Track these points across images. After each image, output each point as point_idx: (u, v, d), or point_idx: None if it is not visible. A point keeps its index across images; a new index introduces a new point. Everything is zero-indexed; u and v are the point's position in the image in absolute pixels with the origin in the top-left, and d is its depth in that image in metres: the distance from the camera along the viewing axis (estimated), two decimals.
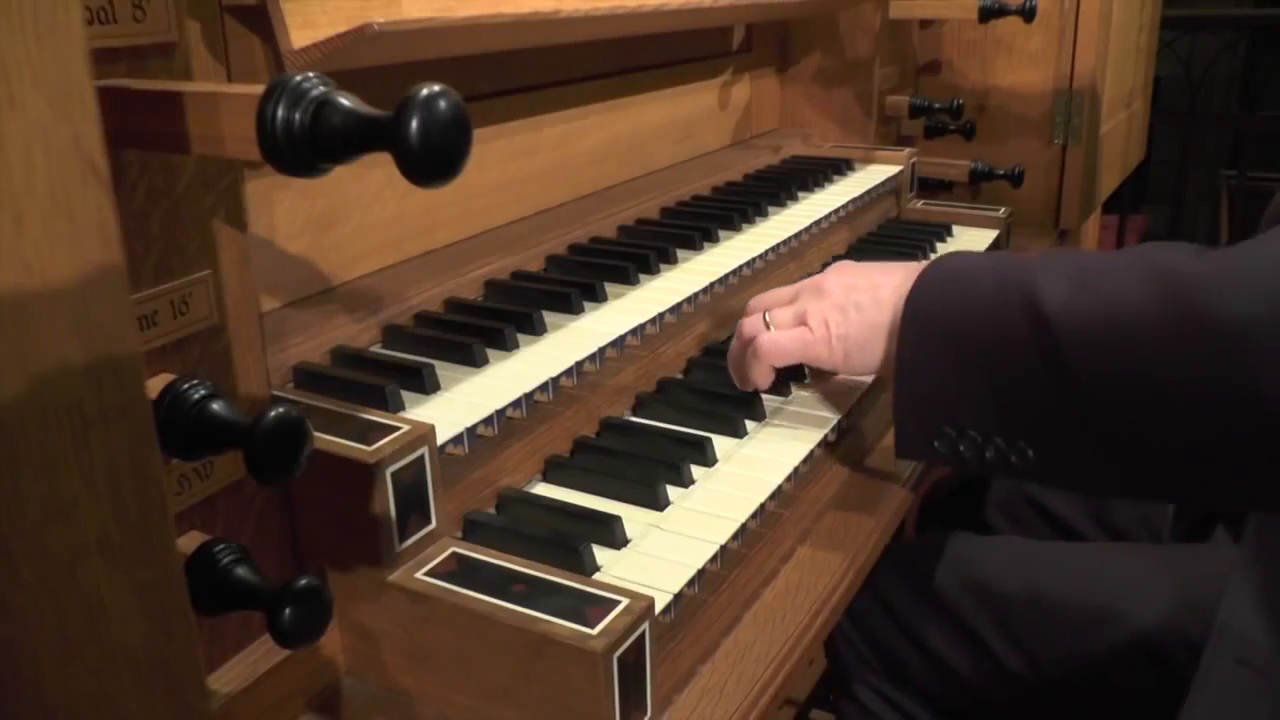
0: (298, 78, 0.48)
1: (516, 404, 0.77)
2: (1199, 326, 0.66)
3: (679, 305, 0.97)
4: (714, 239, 1.14)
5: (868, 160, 1.54)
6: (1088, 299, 0.72)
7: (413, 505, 0.65)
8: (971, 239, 1.46)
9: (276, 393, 0.71)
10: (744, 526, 0.75)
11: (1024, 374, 0.75)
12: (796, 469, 0.84)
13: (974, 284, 0.81)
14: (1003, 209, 1.53)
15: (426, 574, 0.64)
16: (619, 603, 0.60)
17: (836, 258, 1.34)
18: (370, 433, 0.65)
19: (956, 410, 0.80)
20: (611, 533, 0.73)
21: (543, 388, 0.79)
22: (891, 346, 0.86)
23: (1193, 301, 0.66)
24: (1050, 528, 1.25)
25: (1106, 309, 0.71)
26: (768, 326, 0.92)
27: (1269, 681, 0.81)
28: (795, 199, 1.32)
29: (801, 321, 0.91)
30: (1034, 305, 0.74)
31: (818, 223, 1.25)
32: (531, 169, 1.14)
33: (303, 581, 0.53)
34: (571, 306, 0.92)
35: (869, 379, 0.99)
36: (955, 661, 1.07)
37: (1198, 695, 0.84)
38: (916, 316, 0.82)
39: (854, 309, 0.89)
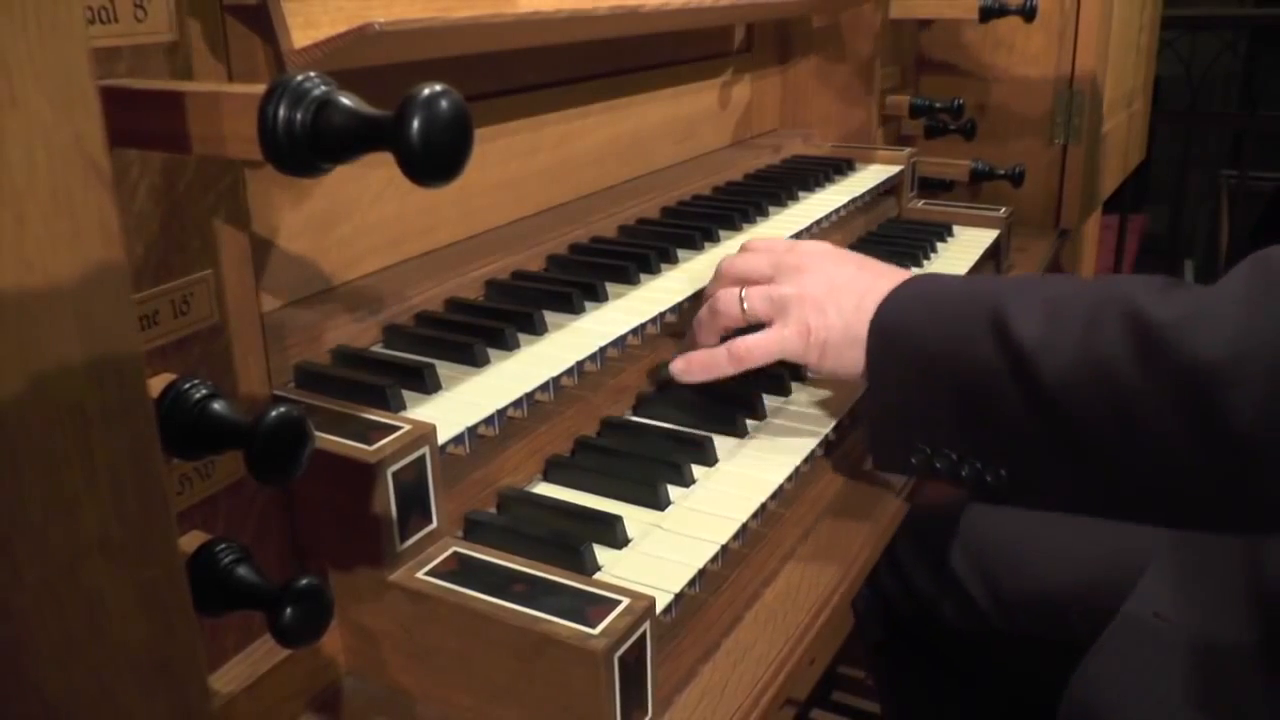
0: (299, 77, 0.48)
1: (517, 404, 0.77)
2: (1170, 369, 0.68)
3: (680, 305, 0.97)
4: (715, 239, 1.14)
5: (868, 160, 1.54)
6: (1059, 331, 0.73)
7: (414, 505, 0.65)
8: (972, 238, 1.46)
9: (277, 392, 0.71)
10: (745, 526, 0.76)
11: (995, 400, 0.76)
12: (797, 469, 0.84)
13: (942, 304, 0.81)
14: (1003, 209, 1.53)
15: (427, 574, 0.64)
16: (620, 602, 0.60)
17: None
18: (371, 432, 0.65)
19: (928, 428, 0.80)
20: (612, 532, 0.73)
21: (543, 387, 0.79)
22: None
23: (1164, 342, 0.68)
24: None
25: (1079, 343, 0.72)
26: (743, 305, 0.89)
27: (1179, 633, 0.87)
28: (796, 199, 1.32)
29: (778, 311, 0.88)
30: (1004, 333, 0.75)
31: (818, 222, 1.25)
32: (532, 169, 1.14)
33: (304, 581, 0.53)
34: (572, 306, 0.92)
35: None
36: (943, 605, 1.16)
37: (1108, 639, 0.92)
38: (885, 331, 0.82)
39: (834, 311, 0.86)
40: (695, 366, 0.90)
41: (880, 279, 0.87)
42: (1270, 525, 0.76)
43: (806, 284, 0.88)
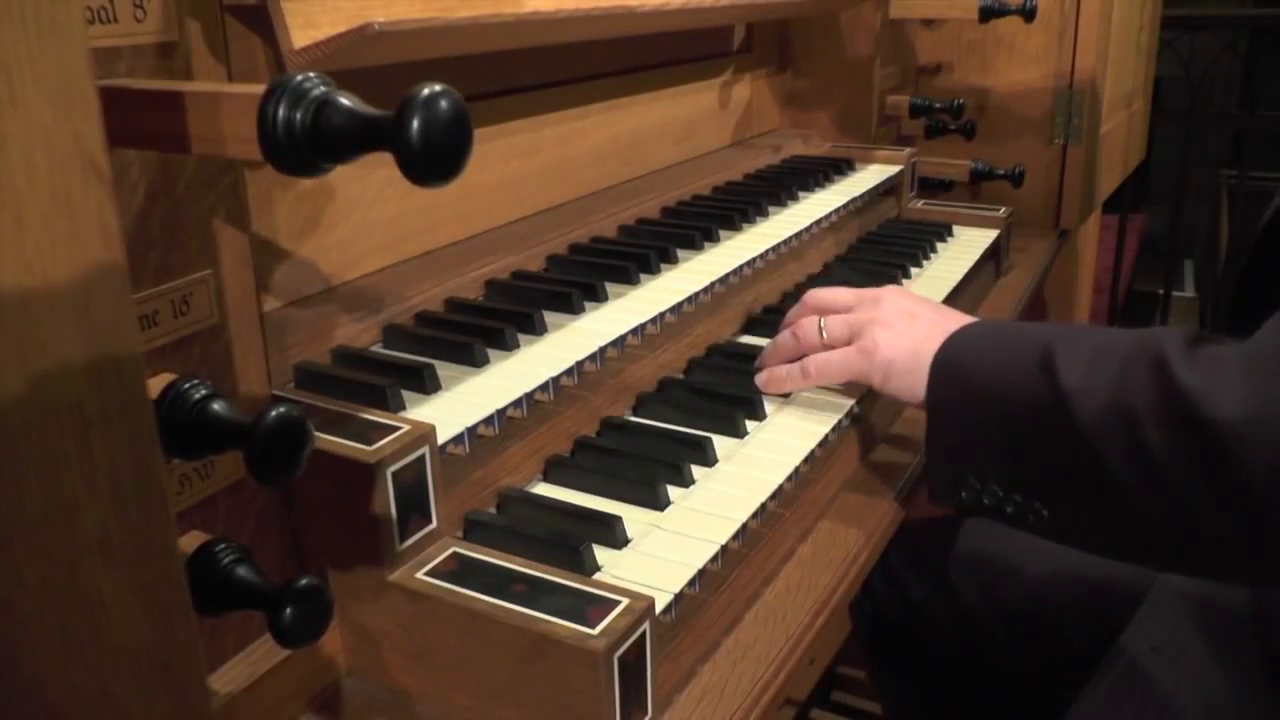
0: (298, 77, 0.48)
1: (517, 404, 0.77)
2: (1191, 426, 0.70)
3: (680, 305, 0.97)
4: (714, 239, 1.14)
5: (868, 160, 1.54)
6: (1097, 378, 0.75)
7: (413, 505, 0.65)
8: (972, 239, 1.46)
9: (277, 392, 0.71)
10: (745, 526, 0.75)
11: (1039, 438, 0.78)
12: (797, 469, 0.84)
13: (1001, 343, 0.83)
14: (1003, 209, 1.53)
15: (427, 574, 0.64)
16: (619, 602, 0.60)
17: (838, 257, 1.34)
18: (371, 433, 0.65)
19: (979, 463, 0.82)
20: (612, 532, 0.73)
21: (543, 387, 0.79)
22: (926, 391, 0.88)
23: (1188, 406, 0.70)
24: None
25: (1110, 391, 0.74)
26: (821, 333, 0.94)
27: (1177, 671, 0.88)
28: (796, 199, 1.32)
29: (854, 335, 0.92)
30: (1052, 374, 0.77)
31: (818, 222, 1.25)
32: (532, 169, 1.14)
33: (303, 581, 0.53)
34: (572, 306, 0.92)
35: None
36: (939, 615, 1.16)
37: (1105, 674, 0.92)
38: (945, 365, 0.85)
39: (905, 334, 0.90)
40: (773, 381, 0.95)
41: (951, 319, 0.90)
42: None
43: (883, 311, 0.93)
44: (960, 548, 1.18)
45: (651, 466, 0.81)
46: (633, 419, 0.92)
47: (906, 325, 0.90)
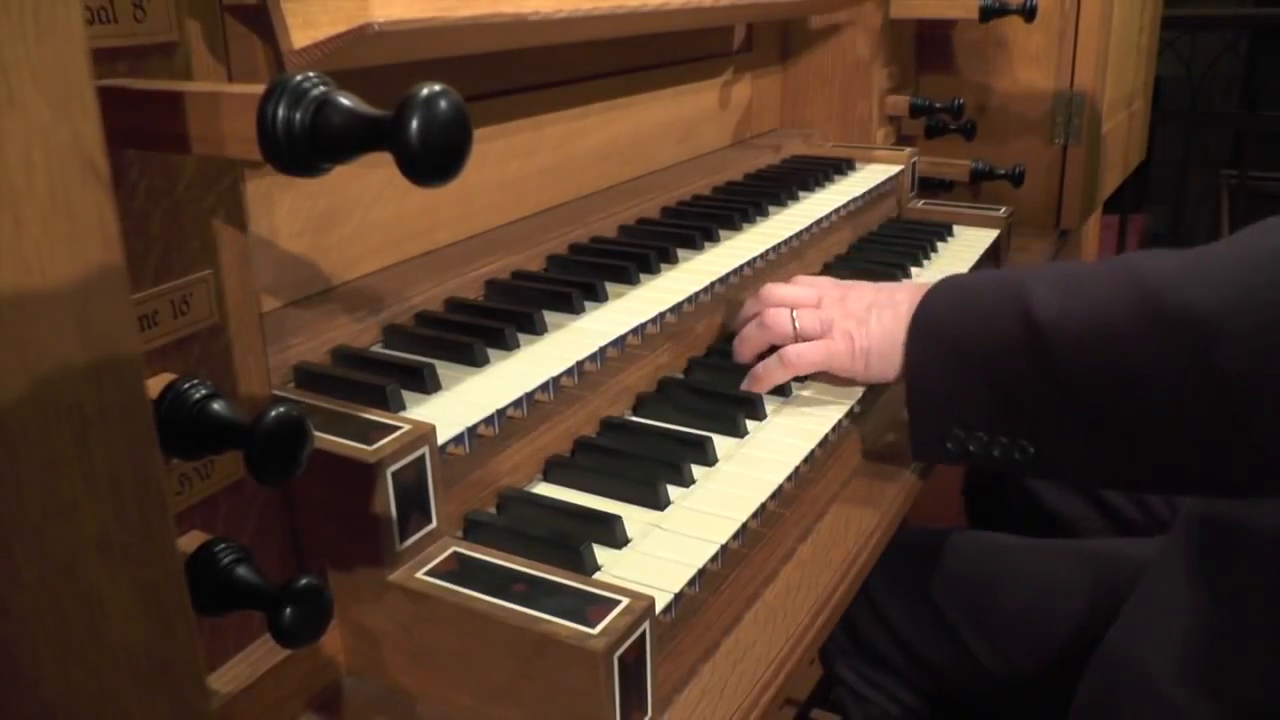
0: (298, 77, 0.48)
1: (517, 404, 0.77)
2: (1167, 319, 0.72)
3: (680, 305, 0.97)
4: (715, 238, 1.14)
5: (868, 160, 1.53)
6: (1073, 302, 0.78)
7: (413, 505, 0.65)
8: (972, 238, 1.46)
9: (277, 392, 0.71)
10: (745, 526, 0.75)
11: (1019, 375, 0.81)
12: (797, 469, 0.84)
13: (974, 295, 0.87)
14: (1003, 209, 1.53)
15: (427, 574, 0.64)
16: (619, 602, 0.60)
17: (838, 257, 1.34)
18: (371, 432, 0.65)
19: (963, 411, 0.85)
20: (612, 532, 0.73)
21: (543, 387, 0.79)
22: (904, 357, 0.90)
23: (1161, 298, 0.73)
24: (1051, 525, 1.27)
25: (1089, 311, 0.77)
26: (793, 323, 0.96)
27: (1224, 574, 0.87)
28: (796, 198, 1.32)
29: (826, 328, 0.95)
30: (1026, 311, 0.80)
31: (818, 222, 1.25)
32: (532, 169, 1.14)
33: (303, 581, 0.53)
34: (572, 306, 0.92)
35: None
36: (930, 652, 1.14)
37: (1093, 673, 0.92)
38: (923, 326, 0.88)
39: (875, 320, 0.94)
40: (755, 380, 0.96)
41: (917, 291, 0.93)
42: (1272, 486, 0.78)
43: (850, 304, 0.97)
44: (944, 564, 1.15)
45: (652, 466, 0.81)
46: (633, 419, 0.92)
47: (875, 313, 0.94)
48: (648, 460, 0.82)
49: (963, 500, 1.48)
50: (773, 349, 0.97)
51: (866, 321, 0.94)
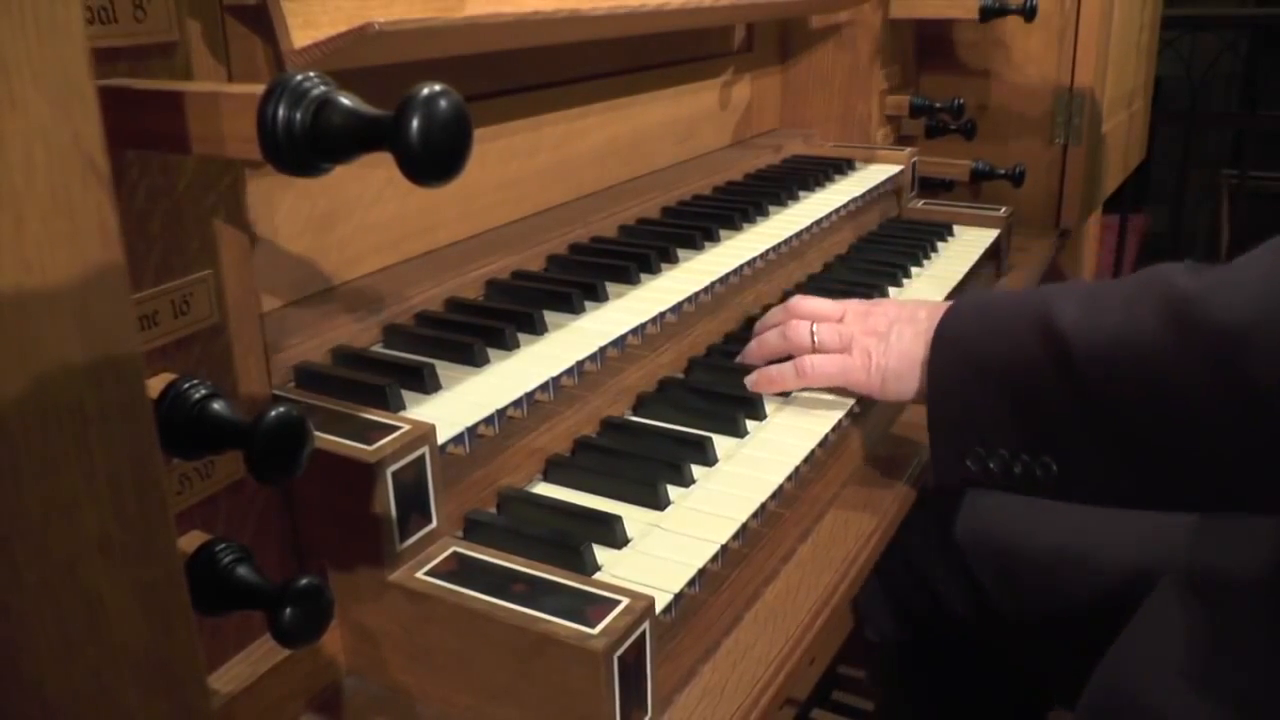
0: (298, 77, 0.48)
1: (517, 403, 0.77)
2: (1196, 329, 0.70)
3: (680, 305, 0.97)
4: (715, 238, 1.14)
5: (869, 160, 1.53)
6: (1097, 314, 0.77)
7: (413, 505, 0.65)
8: (972, 238, 1.46)
9: (277, 392, 0.71)
10: (745, 526, 0.75)
11: (1041, 390, 0.79)
12: (798, 468, 0.84)
13: (996, 308, 0.86)
14: (1004, 208, 1.53)
15: (427, 573, 0.64)
16: (619, 602, 0.60)
17: (839, 257, 1.34)
18: (371, 432, 0.65)
19: (984, 430, 0.84)
20: (612, 532, 0.73)
21: (543, 387, 0.79)
22: (924, 375, 0.89)
23: (1189, 307, 0.71)
24: None
25: (1114, 321, 0.75)
26: (813, 339, 0.96)
27: (1213, 608, 0.86)
28: (796, 198, 1.32)
29: (845, 344, 0.95)
30: (1048, 325, 0.79)
31: (819, 222, 1.25)
32: (532, 169, 1.14)
33: (304, 581, 0.53)
34: (572, 306, 0.92)
35: None
36: (954, 602, 1.15)
37: (1143, 617, 0.91)
38: (944, 339, 0.87)
39: (895, 338, 0.93)
40: (764, 380, 0.97)
41: (939, 309, 0.92)
42: None
43: (872, 320, 0.96)
44: (967, 511, 1.17)
45: (652, 466, 0.81)
46: (633, 419, 0.92)
47: (895, 331, 0.94)
48: (648, 460, 0.82)
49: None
50: (786, 358, 0.97)
51: (887, 338, 0.93)
